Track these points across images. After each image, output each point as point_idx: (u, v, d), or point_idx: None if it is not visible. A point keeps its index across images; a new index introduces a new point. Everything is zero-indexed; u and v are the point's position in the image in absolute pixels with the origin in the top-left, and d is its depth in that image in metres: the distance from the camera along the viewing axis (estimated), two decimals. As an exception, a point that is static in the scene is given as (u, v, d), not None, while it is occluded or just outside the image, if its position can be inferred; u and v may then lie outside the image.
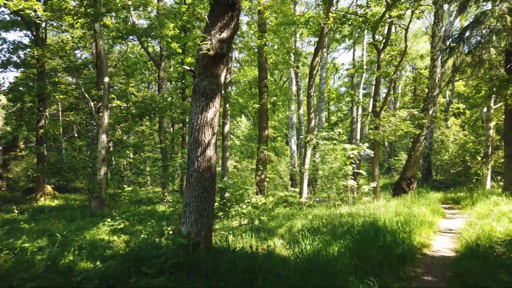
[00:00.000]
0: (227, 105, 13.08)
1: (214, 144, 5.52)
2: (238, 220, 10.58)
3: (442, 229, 10.13)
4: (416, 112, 13.39)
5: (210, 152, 5.44)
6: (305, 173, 13.44)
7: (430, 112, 14.22)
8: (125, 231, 8.72)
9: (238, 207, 11.68)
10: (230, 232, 8.13)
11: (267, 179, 16.23)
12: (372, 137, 12.73)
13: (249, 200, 11.82)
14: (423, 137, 14.28)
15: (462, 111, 32.45)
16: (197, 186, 5.33)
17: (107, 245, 7.04)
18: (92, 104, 12.23)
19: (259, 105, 14.35)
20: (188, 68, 5.50)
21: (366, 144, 11.45)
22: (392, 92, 33.86)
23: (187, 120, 19.97)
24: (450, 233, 9.69)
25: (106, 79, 11.97)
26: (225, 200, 12.52)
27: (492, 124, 18.04)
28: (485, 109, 21.11)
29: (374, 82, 17.49)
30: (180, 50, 6.86)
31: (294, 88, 21.63)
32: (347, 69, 33.77)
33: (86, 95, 12.18)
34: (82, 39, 13.97)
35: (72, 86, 14.34)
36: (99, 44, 11.98)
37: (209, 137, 5.43)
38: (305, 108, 35.18)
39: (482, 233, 7.75)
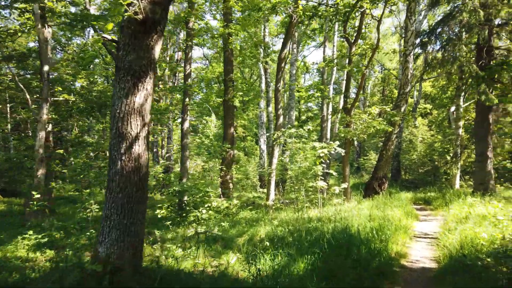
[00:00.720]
0: (187, 99, 11.69)
1: (144, 138, 4.19)
2: (194, 227, 9.22)
3: (418, 234, 9.21)
4: (388, 109, 12.52)
5: (138, 148, 4.10)
6: (272, 173, 12.27)
7: (402, 109, 13.42)
8: (56, 245, 7.19)
9: (197, 212, 10.33)
10: (180, 245, 6.79)
11: (233, 181, 14.96)
12: (342, 135, 11.72)
13: (209, 204, 10.49)
14: (394, 136, 13.45)
15: (429, 111, 32.41)
16: (120, 193, 3.98)
17: (20, 265, 5.53)
18: (28, 96, 10.52)
19: (221, 99, 13.04)
20: (109, 37, 4.13)
21: (337, 143, 10.40)
22: (361, 92, 33.48)
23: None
24: (426, 238, 8.77)
25: (46, 68, 10.28)
26: (183, 205, 11.13)
27: (461, 123, 17.57)
28: (452, 109, 20.74)
29: (345, 78, 16.55)
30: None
31: (263, 85, 20.46)
32: (317, 69, 33.03)
33: (21, 85, 10.47)
34: (24, 24, 12.19)
35: (9, 76, 12.58)
36: (38, 27, 10.29)
37: (138, 129, 4.08)
38: (274, 105, 34.21)
39: (465, 240, 6.80)
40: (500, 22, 13.26)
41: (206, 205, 10.53)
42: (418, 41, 13.74)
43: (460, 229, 7.53)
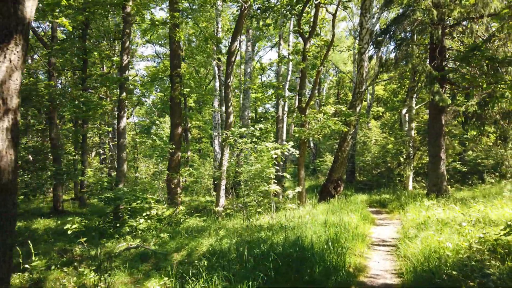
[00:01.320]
0: (124, 93, 10.19)
1: (8, 131, 2.86)
2: (127, 241, 7.82)
3: (375, 241, 8.44)
4: (344, 108, 11.80)
5: (-5, 144, 2.77)
6: (221, 176, 11.09)
7: (357, 109, 12.79)
8: None
9: (133, 222, 8.91)
10: (97, 267, 5.41)
11: (181, 185, 13.60)
12: (297, 135, 10.82)
13: (148, 213, 9.10)
14: (350, 136, 12.79)
15: (381, 114, 32.82)
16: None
17: None
18: None
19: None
20: None
21: (291, 143, 9.46)
22: (317, 93, 33.24)
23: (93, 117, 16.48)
24: (384, 245, 8.01)
25: None
26: (119, 213, 9.64)
27: (413, 124, 17.43)
28: (404, 111, 20.75)
29: (299, 76, 15.75)
30: None
31: (217, 83, 19.23)
32: (274, 70, 32.31)
33: None
34: None
35: None
36: None
37: (-6, 117, 2.75)
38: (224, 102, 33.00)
39: (428, 250, 6.03)
40: (451, 23, 13.07)
41: (144, 214, 9.12)
42: (373, 40, 13.21)
43: (421, 237, 6.78)
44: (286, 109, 18.76)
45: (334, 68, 35.67)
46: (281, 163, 14.58)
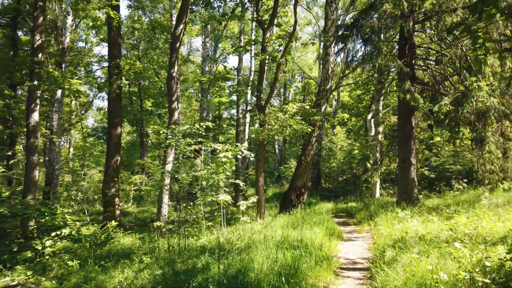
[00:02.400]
0: (35, 82, 7.87)
1: None
2: (14, 274, 5.62)
3: (344, 263, 6.70)
4: (308, 107, 10.15)
5: None
6: (163, 184, 9.06)
7: (323, 108, 11.19)
8: None
9: (38, 245, 6.67)
10: None
11: (121, 193, 11.39)
12: (253, 135, 9.02)
13: (58, 232, 6.91)
14: (314, 139, 11.15)
15: (346, 120, 31.83)
16: None
17: None
18: None
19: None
20: None
21: (245, 145, 7.64)
22: (283, 100, 31.86)
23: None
24: (355, 270, 6.28)
25: None
26: (29, 233, 7.35)
27: (380, 128, 16.15)
28: (369, 116, 19.54)
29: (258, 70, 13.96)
30: None
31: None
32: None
33: None
34: None
35: None
36: None
37: None
38: (184, 104, 30.64)
39: (414, 282, 4.35)
40: (423, 18, 11.85)
41: (54, 234, 6.92)
42: (339, 33, 11.71)
43: (403, 263, 5.08)
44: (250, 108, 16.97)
45: (300, 73, 34.48)
46: (233, 168, 12.80)
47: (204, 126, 7.53)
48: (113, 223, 8.62)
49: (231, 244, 6.26)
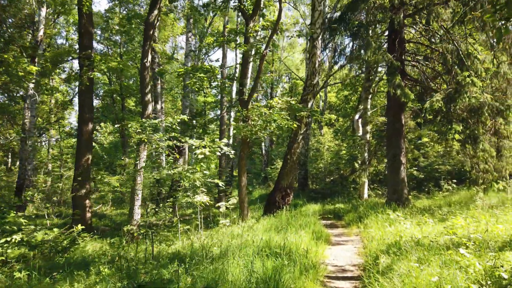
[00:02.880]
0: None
1: None
2: None
3: (332, 271, 5.95)
4: (294, 102, 9.42)
5: None
6: (135, 184, 8.18)
7: (309, 104, 10.49)
8: None
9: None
10: None
11: (92, 195, 10.44)
12: (235, 131, 8.23)
13: (9, 239, 5.99)
14: (301, 137, 10.43)
15: (333, 121, 31.29)
16: None
17: None
18: None
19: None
20: None
21: (224, 140, 6.84)
22: (269, 98, 31.11)
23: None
24: (345, 279, 5.53)
25: None
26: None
27: (368, 127, 15.55)
28: (356, 116, 18.97)
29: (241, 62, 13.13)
30: None
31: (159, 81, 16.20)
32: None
33: None
34: None
35: None
36: None
37: None
38: (169, 104, 29.52)
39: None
40: (413, 11, 11.28)
41: (3, 240, 5.99)
42: (327, 26, 11.03)
43: (401, 272, 4.36)
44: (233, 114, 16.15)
45: (287, 74, 33.89)
46: (223, 167, 11.98)
47: (179, 120, 6.69)
48: (79, 227, 7.69)
49: (206, 250, 5.44)
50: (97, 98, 32.52)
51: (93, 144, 17.93)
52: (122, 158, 20.32)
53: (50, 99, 22.54)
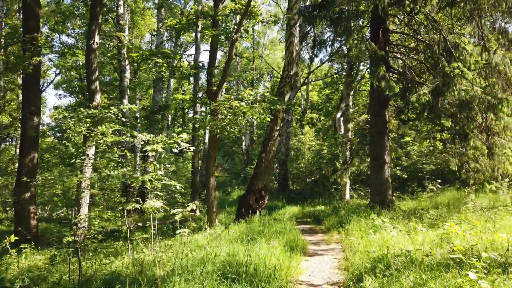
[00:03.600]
0: None
1: None
2: None
3: (307, 292, 4.84)
4: (268, 94, 8.29)
5: None
6: (82, 185, 6.88)
7: (287, 97, 9.37)
8: None
9: None
10: None
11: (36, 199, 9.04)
12: (197, 125, 7.06)
13: None
14: (277, 133, 9.30)
15: (315, 121, 30.39)
16: None
17: None
18: None
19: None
20: None
21: (183, 136, 5.62)
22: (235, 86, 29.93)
23: None
24: (322, 304, 4.42)
25: None
26: None
27: (350, 125, 14.58)
28: (338, 115, 18.03)
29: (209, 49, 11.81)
30: None
31: (126, 74, 14.75)
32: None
33: None
34: None
35: None
36: None
37: None
38: (145, 103, 28.13)
39: None
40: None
41: None
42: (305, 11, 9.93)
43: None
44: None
45: (269, 72, 32.86)
46: (197, 168, 10.72)
47: (124, 110, 5.44)
48: (12, 237, 6.30)
49: (145, 274, 4.22)
50: (72, 96, 30.74)
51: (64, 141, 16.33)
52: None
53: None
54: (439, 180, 13.70)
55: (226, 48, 9.63)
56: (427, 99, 8.72)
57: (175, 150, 5.97)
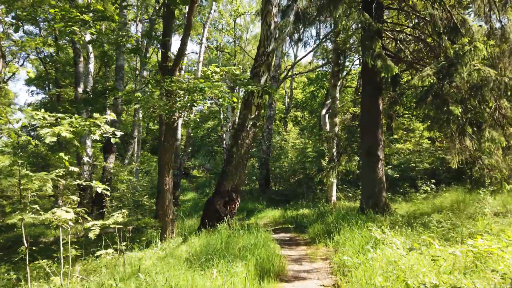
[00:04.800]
0: None
1: None
2: None
3: None
4: (238, 71, 6.42)
5: None
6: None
7: (263, 80, 7.52)
8: None
9: None
10: None
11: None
12: (137, 106, 5.15)
13: None
14: (251, 122, 7.44)
15: (300, 119, 28.67)
16: None
17: None
18: None
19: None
20: None
21: (108, 117, 3.64)
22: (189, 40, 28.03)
23: None
24: None
25: None
26: None
27: (337, 119, 12.82)
28: (324, 111, 16.35)
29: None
30: None
31: (81, 59, 12.64)
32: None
33: None
34: None
35: None
36: None
37: None
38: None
39: None
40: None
41: None
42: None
43: None
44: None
45: (251, 65, 30.99)
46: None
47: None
48: None
49: None
50: (44, 92, 28.17)
51: (33, 140, 13.97)
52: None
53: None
54: (433, 180, 12.13)
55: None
56: (432, 81, 7.02)
57: (95, 137, 4.04)
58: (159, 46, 9.24)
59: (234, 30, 24.84)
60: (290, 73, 20.27)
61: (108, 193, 10.74)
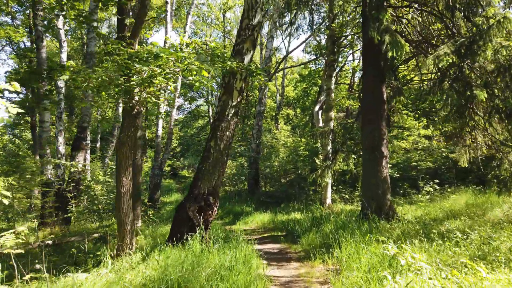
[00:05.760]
0: None
1: None
2: None
3: None
4: (218, 45, 4.99)
5: None
6: None
7: (247, 59, 6.10)
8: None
9: None
10: None
11: None
12: (65, 77, 3.66)
13: None
14: (233, 110, 6.01)
15: (292, 117, 27.32)
16: None
17: None
18: None
19: None
20: None
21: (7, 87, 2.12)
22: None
23: None
24: None
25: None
26: None
27: (332, 113, 11.47)
28: (316, 108, 15.00)
29: None
30: None
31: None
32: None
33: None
34: None
35: None
36: None
37: None
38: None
39: None
40: None
41: None
42: None
43: None
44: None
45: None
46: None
47: None
48: None
49: None
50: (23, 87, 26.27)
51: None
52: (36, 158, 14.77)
53: None
54: (436, 180, 10.89)
55: None
56: (452, 60, 5.67)
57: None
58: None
59: (223, 24, 23.43)
60: (281, 66, 18.84)
61: (72, 196, 9.10)
